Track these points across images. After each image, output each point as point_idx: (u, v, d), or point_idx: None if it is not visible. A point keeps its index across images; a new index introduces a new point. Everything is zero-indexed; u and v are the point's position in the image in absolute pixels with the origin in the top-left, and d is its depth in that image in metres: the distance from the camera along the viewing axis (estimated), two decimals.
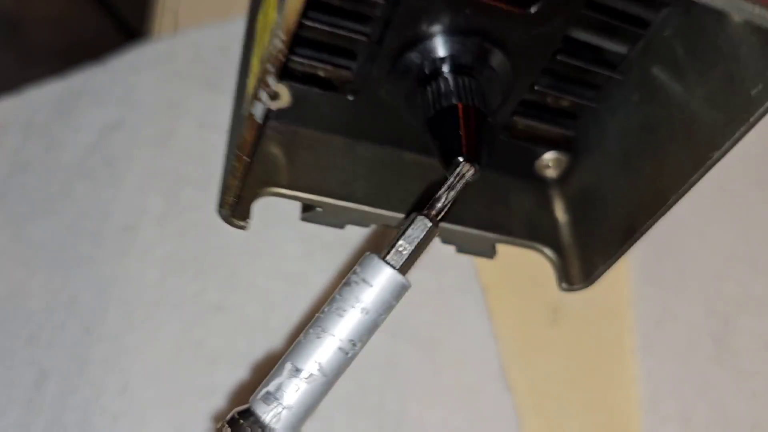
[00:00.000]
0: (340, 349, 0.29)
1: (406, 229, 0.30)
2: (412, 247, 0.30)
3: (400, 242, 0.30)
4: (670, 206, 0.35)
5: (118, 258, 0.45)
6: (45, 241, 0.45)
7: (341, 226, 0.37)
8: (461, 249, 0.40)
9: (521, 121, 0.39)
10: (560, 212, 0.41)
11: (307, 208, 0.37)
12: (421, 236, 0.30)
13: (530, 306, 0.48)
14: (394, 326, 0.45)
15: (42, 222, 0.46)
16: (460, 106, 0.33)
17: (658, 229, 0.53)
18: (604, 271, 0.38)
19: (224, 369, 0.43)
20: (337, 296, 0.30)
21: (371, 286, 0.29)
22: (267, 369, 0.31)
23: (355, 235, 0.46)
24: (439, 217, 0.31)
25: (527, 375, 0.46)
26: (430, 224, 0.30)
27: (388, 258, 0.30)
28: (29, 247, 0.45)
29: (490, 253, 0.40)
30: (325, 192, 0.36)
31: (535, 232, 0.41)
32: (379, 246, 0.48)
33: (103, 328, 0.43)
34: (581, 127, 0.40)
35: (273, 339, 0.44)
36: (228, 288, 0.45)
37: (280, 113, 0.37)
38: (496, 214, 0.40)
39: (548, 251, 0.41)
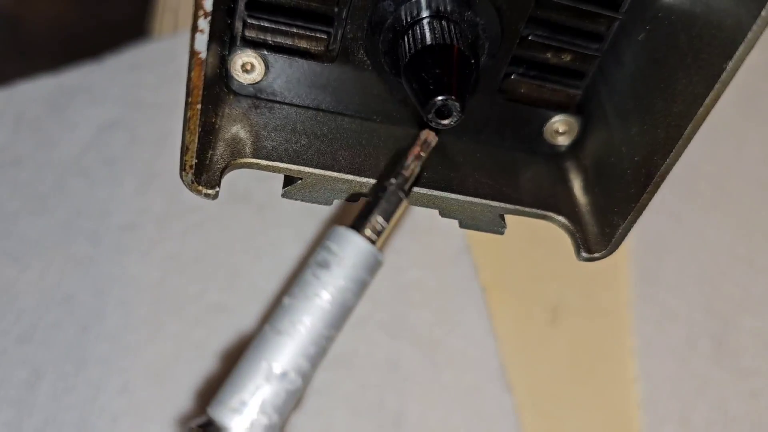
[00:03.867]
0: (319, 340, 0.27)
1: (379, 202, 0.29)
2: (389, 223, 0.28)
3: (377, 217, 0.28)
4: (688, 139, 0.31)
5: (117, 257, 0.45)
6: (38, 237, 0.45)
7: (328, 202, 0.34)
8: (464, 224, 0.36)
9: (522, 82, 0.37)
10: (576, 179, 0.38)
11: (288, 183, 0.34)
12: (397, 210, 0.29)
13: (530, 305, 0.48)
14: (393, 326, 0.46)
15: (35, 218, 0.45)
16: (435, 45, 0.31)
17: (657, 229, 0.53)
18: (626, 231, 0.34)
19: (224, 370, 0.43)
20: (312, 279, 0.27)
21: (348, 265, 0.27)
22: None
23: None
24: (408, 186, 0.29)
25: (527, 374, 0.46)
26: (404, 197, 0.29)
27: (365, 233, 0.28)
28: (21, 243, 0.44)
29: (497, 226, 0.36)
30: (304, 161, 0.34)
31: (547, 201, 0.37)
32: None
33: (101, 327, 0.43)
34: (591, 87, 0.37)
35: None
36: (229, 288, 0.45)
37: (252, 88, 0.36)
38: (503, 184, 0.37)
39: (562, 219, 0.37)
